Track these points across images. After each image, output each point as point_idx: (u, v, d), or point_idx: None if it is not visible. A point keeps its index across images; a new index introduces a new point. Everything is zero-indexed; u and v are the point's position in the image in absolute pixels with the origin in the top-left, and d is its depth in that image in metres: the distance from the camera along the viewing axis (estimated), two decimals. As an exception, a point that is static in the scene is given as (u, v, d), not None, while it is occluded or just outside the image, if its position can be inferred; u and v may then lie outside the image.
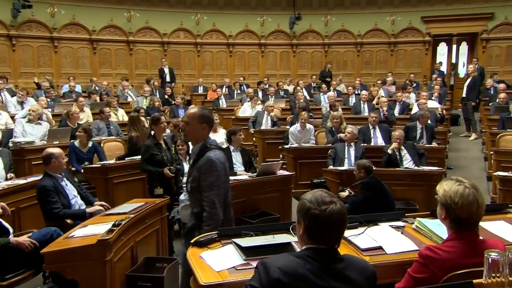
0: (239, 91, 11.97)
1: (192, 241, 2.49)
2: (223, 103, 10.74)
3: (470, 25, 13.18)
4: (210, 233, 2.58)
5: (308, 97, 11.09)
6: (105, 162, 5.87)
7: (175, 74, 13.06)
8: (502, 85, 9.58)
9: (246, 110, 9.50)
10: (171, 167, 4.66)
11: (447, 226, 1.99)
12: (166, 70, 12.58)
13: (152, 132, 4.88)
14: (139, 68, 13.69)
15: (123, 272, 3.31)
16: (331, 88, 11.60)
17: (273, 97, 10.63)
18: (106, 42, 13.24)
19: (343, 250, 2.35)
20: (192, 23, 13.93)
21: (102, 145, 6.59)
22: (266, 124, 8.35)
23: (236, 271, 2.19)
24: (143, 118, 7.51)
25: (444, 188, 1.94)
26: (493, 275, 1.56)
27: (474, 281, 1.58)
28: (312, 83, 12.64)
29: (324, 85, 11.30)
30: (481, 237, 1.99)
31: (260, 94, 11.25)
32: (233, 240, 2.49)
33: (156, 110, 9.28)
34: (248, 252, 2.32)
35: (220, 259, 2.30)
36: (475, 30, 13.21)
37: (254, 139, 8.33)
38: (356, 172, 5.04)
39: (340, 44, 14.29)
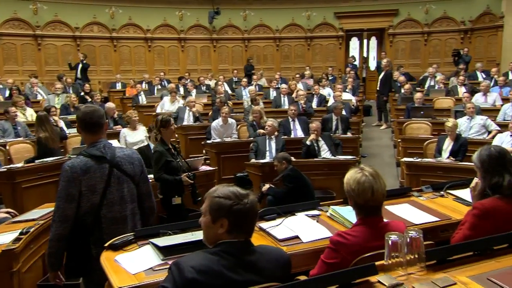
0: (159, 87, 11.64)
1: (106, 244, 2.39)
2: (143, 100, 10.37)
3: (378, 21, 14.01)
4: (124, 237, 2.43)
5: (229, 92, 11.12)
6: (11, 165, 5.42)
7: (91, 70, 12.38)
8: (401, 78, 10.17)
9: (164, 104, 9.27)
10: (189, 174, 4.25)
11: (355, 212, 2.11)
12: (79, 66, 11.86)
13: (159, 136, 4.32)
14: (49, 64, 12.78)
15: (34, 282, 3.10)
16: (253, 82, 11.74)
17: (195, 92, 10.52)
18: (10, 37, 12.17)
19: (261, 242, 2.40)
20: (106, 16, 13.28)
21: (8, 147, 6.08)
22: (188, 119, 8.25)
23: (154, 272, 2.15)
24: (56, 118, 7.06)
25: (348, 176, 2.05)
26: (393, 255, 1.68)
27: (377, 263, 1.68)
28: (234, 78, 12.69)
29: (245, 79, 11.39)
30: (386, 220, 2.13)
31: (181, 89, 11.06)
32: (150, 240, 2.44)
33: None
34: (165, 251, 2.28)
35: (136, 261, 2.24)
36: (382, 26, 14.07)
37: (176, 135, 8.18)
38: (277, 165, 5.15)
39: (260, 39, 14.47)
